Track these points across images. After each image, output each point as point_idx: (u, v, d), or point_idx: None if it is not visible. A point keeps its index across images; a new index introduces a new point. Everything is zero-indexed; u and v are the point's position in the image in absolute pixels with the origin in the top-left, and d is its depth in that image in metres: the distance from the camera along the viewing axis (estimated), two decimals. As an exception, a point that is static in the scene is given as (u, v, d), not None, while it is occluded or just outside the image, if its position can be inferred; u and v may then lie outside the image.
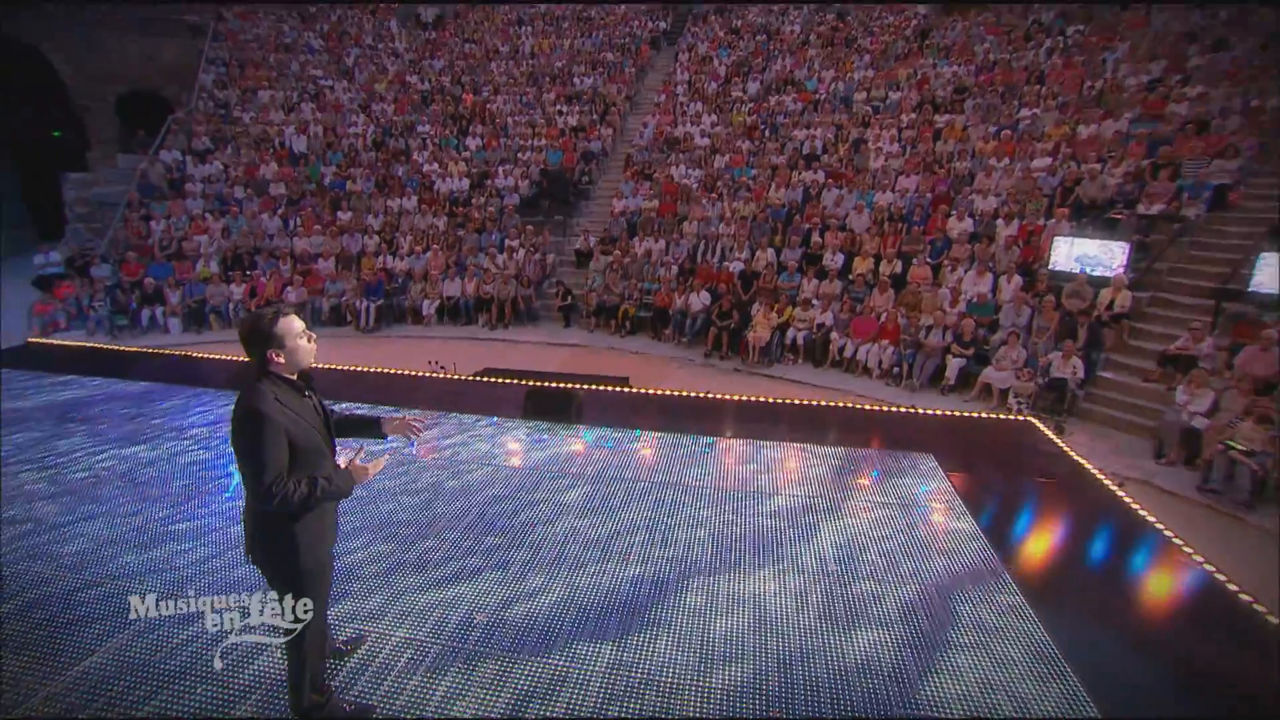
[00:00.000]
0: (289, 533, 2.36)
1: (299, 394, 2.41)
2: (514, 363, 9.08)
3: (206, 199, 13.34)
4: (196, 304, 11.68)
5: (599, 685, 2.88)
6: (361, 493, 4.41)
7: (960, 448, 5.62)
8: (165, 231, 12.54)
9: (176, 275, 11.86)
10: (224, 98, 15.45)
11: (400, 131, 15.74)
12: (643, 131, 15.32)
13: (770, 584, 3.58)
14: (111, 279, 11.57)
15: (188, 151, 14.08)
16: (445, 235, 13.62)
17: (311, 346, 2.45)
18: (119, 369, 7.15)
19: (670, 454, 5.25)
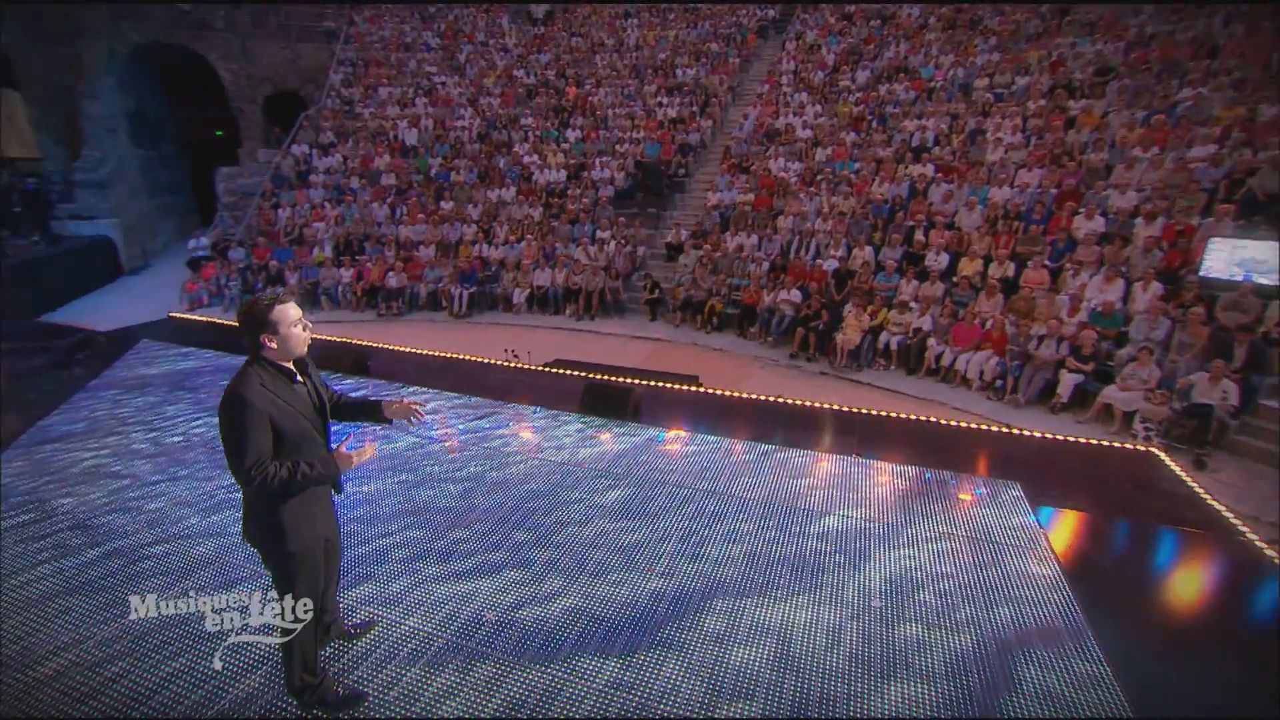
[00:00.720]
0: (276, 515, 2.38)
1: (289, 381, 2.42)
2: (594, 355, 9.09)
3: (326, 188, 14.44)
4: (311, 286, 12.66)
5: (593, 704, 2.71)
6: (408, 476, 4.51)
7: (1057, 477, 4.92)
8: (289, 218, 13.70)
9: (296, 259, 12.92)
10: (349, 95, 16.64)
11: (504, 124, 16.23)
12: (743, 123, 14.87)
13: (802, 614, 3.25)
14: (244, 261, 12.80)
15: (314, 145, 15.30)
16: (540, 225, 13.91)
17: (306, 335, 2.44)
18: (230, 343, 7.84)
19: (722, 460, 4.97)
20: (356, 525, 4.02)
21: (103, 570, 3.62)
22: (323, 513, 2.57)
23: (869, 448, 5.28)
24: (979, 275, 9.34)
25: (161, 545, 3.85)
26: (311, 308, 12.72)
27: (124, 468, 4.79)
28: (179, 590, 3.43)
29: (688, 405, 6.26)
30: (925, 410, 7.62)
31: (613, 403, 5.71)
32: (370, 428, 5.38)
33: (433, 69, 17.72)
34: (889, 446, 5.41)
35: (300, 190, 14.34)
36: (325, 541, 2.68)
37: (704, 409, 6.21)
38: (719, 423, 5.82)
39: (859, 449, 5.24)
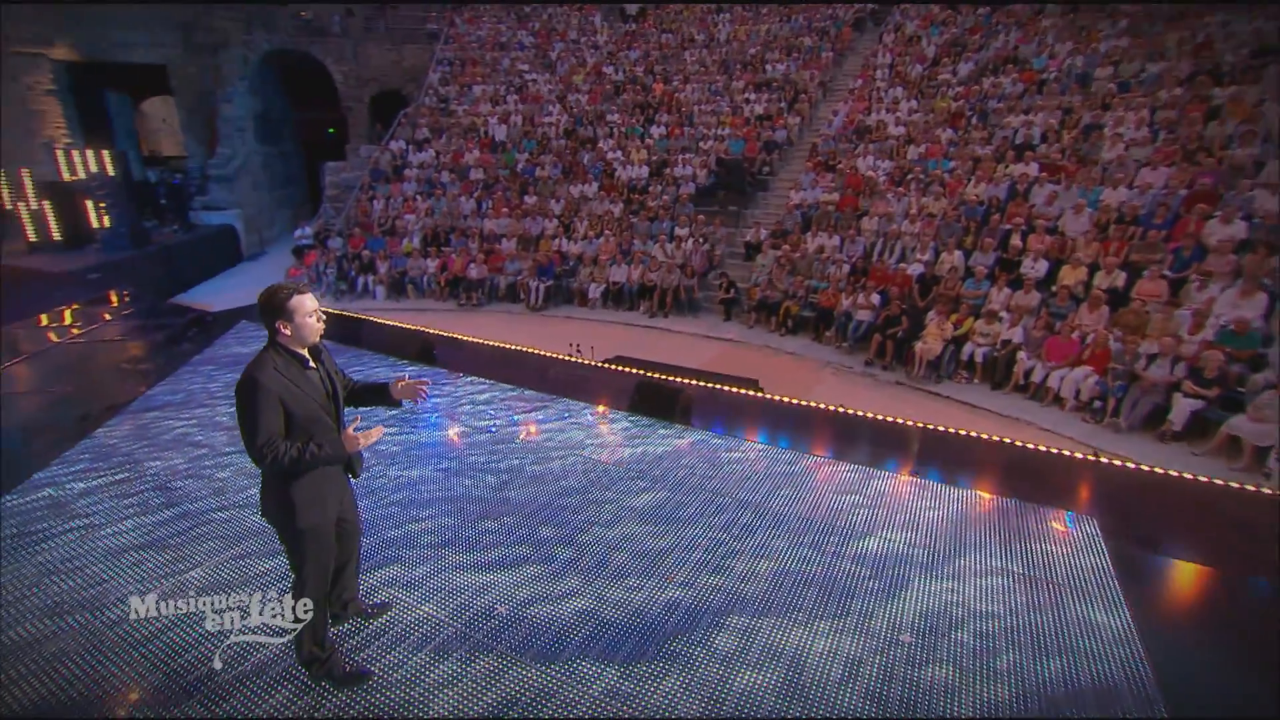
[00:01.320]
0: (288, 493, 2.49)
1: (302, 366, 2.51)
2: (662, 353, 9.03)
3: (419, 182, 15.20)
4: (399, 275, 13.38)
5: (586, 709, 2.66)
6: (450, 464, 4.64)
7: (1151, 516, 4.36)
8: (383, 210, 14.54)
9: (387, 249, 13.69)
10: (445, 93, 17.44)
11: (591, 120, 16.46)
12: (831, 120, 14.31)
13: (821, 641, 3.05)
14: (341, 250, 13.71)
15: (410, 141, 16.15)
16: (619, 221, 14.01)
17: (319, 325, 2.54)
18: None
19: (766, 469, 4.78)
20: (395, 509, 4.18)
21: (172, 530, 3.95)
22: (335, 494, 2.66)
23: (930, 466, 4.90)
24: (1082, 285, 8.49)
25: (223, 512, 4.15)
26: (398, 296, 13.46)
27: (204, 438, 5.23)
28: (231, 555, 3.68)
29: (742, 410, 6.07)
30: (1009, 430, 7.03)
31: (662, 403, 5.63)
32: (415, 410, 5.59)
33: (525, 67, 18.24)
34: (953, 466, 5.00)
35: (395, 184, 15.18)
36: (340, 522, 2.79)
37: (759, 415, 6.00)
38: (772, 430, 5.61)
39: (918, 467, 4.88)
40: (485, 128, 16.56)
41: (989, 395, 8.15)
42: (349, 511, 2.85)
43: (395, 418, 5.56)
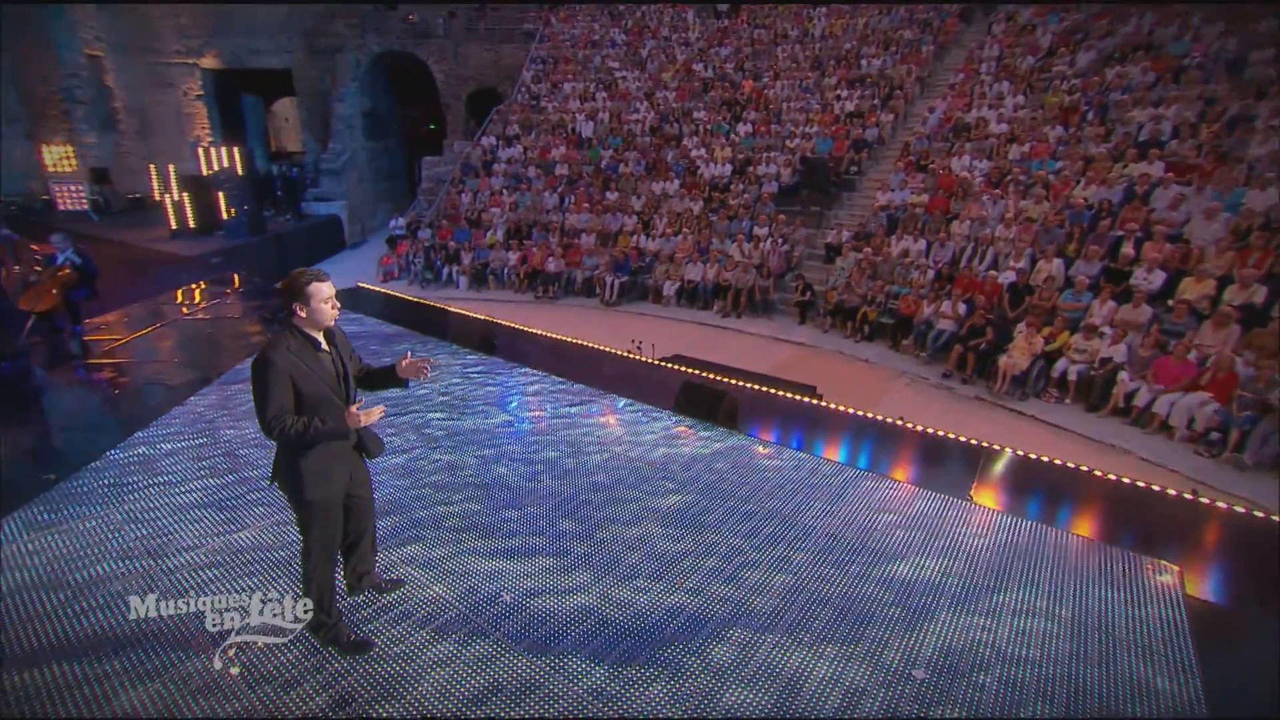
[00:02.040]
0: (296, 465, 2.65)
1: (314, 348, 2.65)
2: (729, 354, 8.86)
3: (506, 177, 15.74)
4: (481, 266, 13.93)
5: (566, 706, 2.65)
6: (489, 452, 4.77)
7: (1245, 570, 3.80)
8: (470, 203, 15.18)
9: (472, 240, 14.28)
10: (537, 90, 17.94)
11: (677, 117, 16.42)
12: (927, 117, 13.51)
13: (825, 667, 2.88)
14: (429, 241, 14.44)
15: (500, 137, 16.75)
16: (699, 219, 13.91)
17: (333, 311, 2.66)
18: (390, 313, 8.91)
19: (801, 480, 4.57)
20: (429, 491, 4.34)
21: (231, 494, 4.30)
22: (343, 471, 2.79)
23: (986, 489, 4.52)
24: (1208, 300, 7.53)
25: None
26: (479, 286, 14.01)
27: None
28: (275, 521, 3.96)
29: (790, 416, 5.85)
30: (1102, 457, 6.37)
31: (707, 404, 5.52)
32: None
33: (615, 64, 18.45)
34: (1013, 491, 4.58)
35: (483, 178, 15.80)
36: (351, 498, 2.93)
37: (807, 422, 5.76)
38: (818, 439, 5.37)
39: (972, 489, 4.51)
40: (573, 124, 16.90)
41: (1081, 417, 7.42)
42: (361, 489, 2.98)
43: (445, 404, 5.79)
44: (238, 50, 18.48)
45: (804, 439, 5.30)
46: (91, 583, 3.40)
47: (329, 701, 2.66)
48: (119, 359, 6.93)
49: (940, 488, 4.50)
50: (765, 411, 5.88)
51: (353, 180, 18.39)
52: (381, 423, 5.25)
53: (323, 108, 18.79)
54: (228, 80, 19.17)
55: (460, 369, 6.72)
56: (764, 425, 5.51)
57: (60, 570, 3.51)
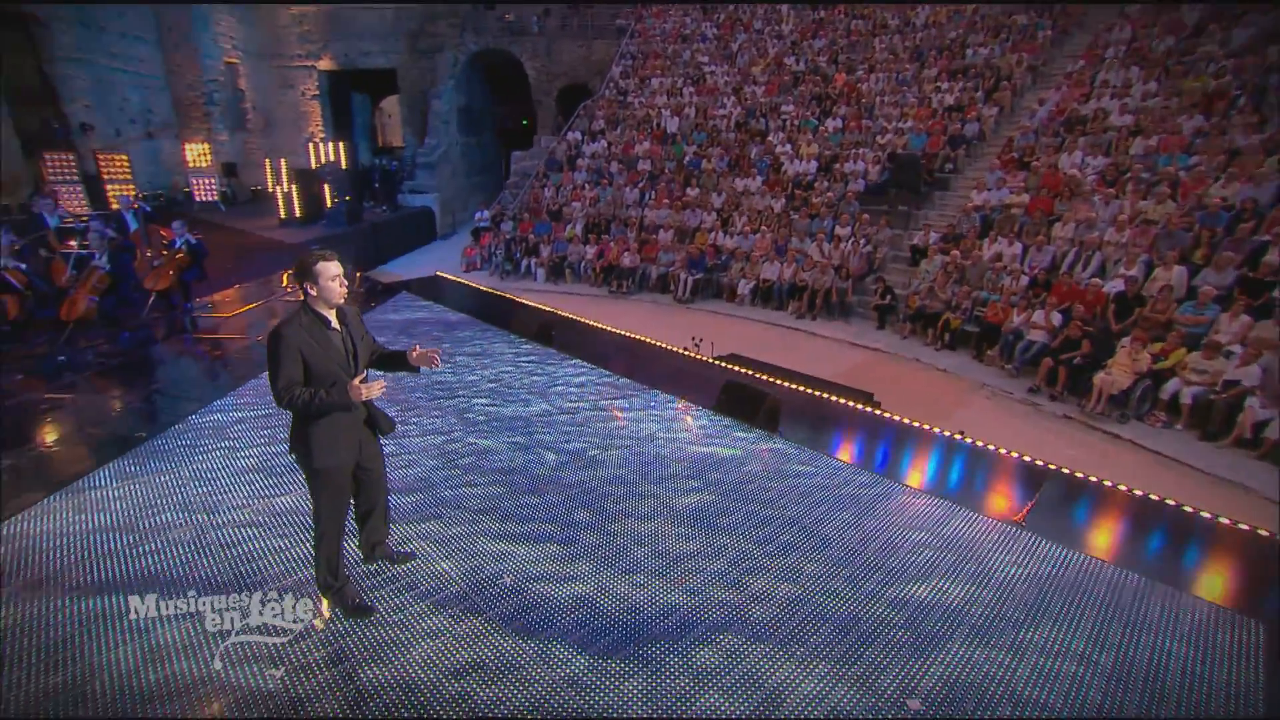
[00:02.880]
0: (306, 434, 2.86)
1: (325, 326, 2.84)
2: (798, 357, 8.59)
3: (589, 171, 16.05)
4: (559, 259, 14.30)
5: (540, 691, 2.71)
6: (520, 439, 4.93)
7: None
8: (552, 197, 15.60)
9: (552, 233, 14.68)
10: (625, 86, 18.16)
11: (764, 112, 16.13)
12: (1036, 110, 12.50)
13: (812, 685, 2.77)
14: (510, 233, 14.99)
15: (586, 132, 17.09)
16: (779, 218, 13.63)
17: (341, 289, 2.84)
18: (458, 301, 9.34)
19: (831, 490, 4.40)
20: (458, 472, 4.54)
21: (282, 462, 4.67)
22: (351, 443, 2.97)
23: (1043, 515, 4.16)
24: (1366, 320, 6.52)
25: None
26: (556, 279, 14.40)
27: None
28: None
29: (837, 423, 5.63)
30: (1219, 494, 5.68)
31: (746, 405, 5.41)
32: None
33: (705, 59, 18.35)
34: (1070, 519, 4.19)
35: (567, 172, 16.20)
36: (361, 470, 3.12)
37: (855, 430, 5.52)
38: (863, 448, 5.14)
39: (1026, 514, 4.16)
40: (658, 119, 16.98)
41: (1195, 447, 6.64)
42: (371, 462, 3.17)
43: (492, 390, 6.01)
44: (350, 52, 20.02)
45: (846, 447, 5.08)
46: (155, 530, 3.82)
47: (325, 657, 2.86)
48: (218, 334, 7.71)
49: (987, 509, 4.18)
50: (811, 416, 5.69)
51: (446, 174, 19.39)
52: (427, 404, 5.61)
53: (422, 105, 19.95)
54: (340, 80, 20.83)
55: (513, 357, 6.95)
56: (806, 430, 5.33)
57: (134, 516, 3.97)
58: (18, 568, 3.47)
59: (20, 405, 5.67)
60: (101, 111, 15.94)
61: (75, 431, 5.23)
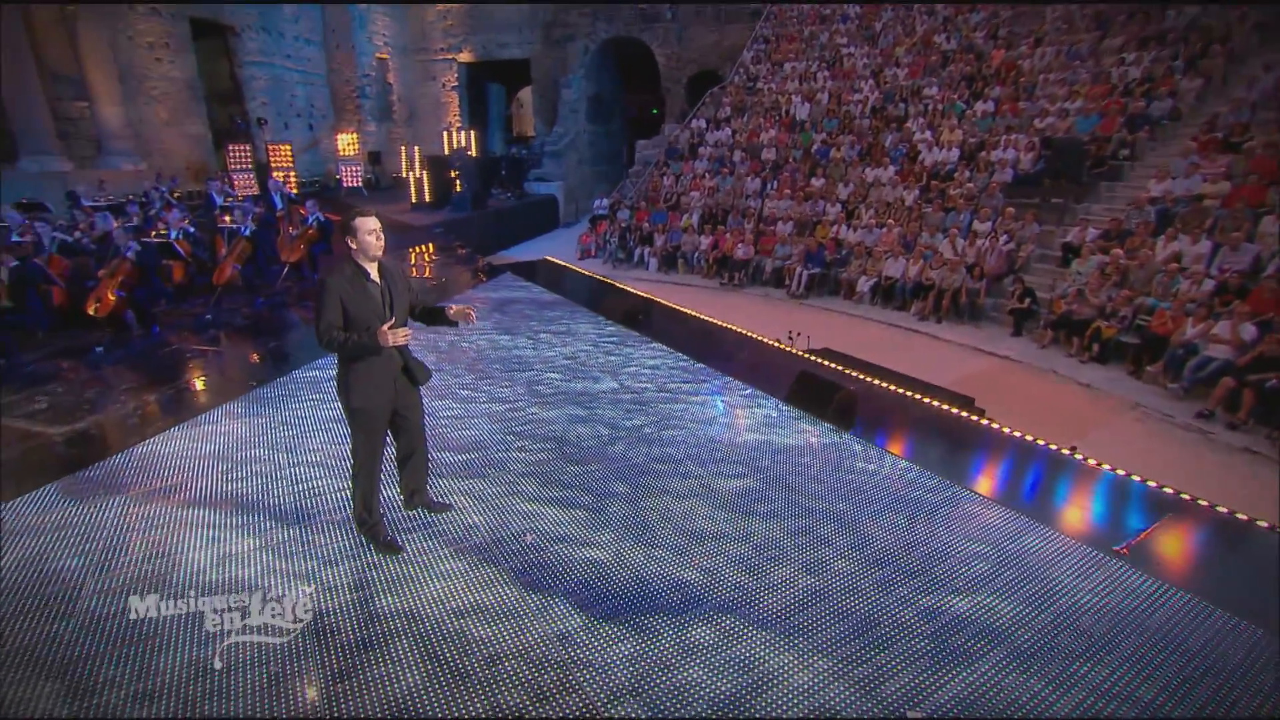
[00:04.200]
0: (345, 374, 3.25)
1: (365, 278, 3.19)
2: (914, 360, 8.08)
3: (710, 160, 16.11)
4: (673, 249, 14.52)
5: (531, 640, 2.88)
6: (580, 412, 5.17)
7: None
8: (671, 186, 15.83)
9: (668, 223, 14.93)
10: (755, 71, 17.99)
11: (904, 96, 15.34)
12: (1259, 77, 10.75)
13: (805, 677, 2.70)
14: (627, 221, 15.42)
15: (711, 120, 17.15)
16: (910, 210, 12.95)
17: (378, 243, 3.18)
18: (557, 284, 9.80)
19: (888, 490, 4.19)
20: (511, 438, 4.84)
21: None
22: (387, 388, 3.31)
23: (1154, 547, 3.69)
24: None
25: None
26: (668, 269, 14.64)
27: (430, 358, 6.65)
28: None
29: (919, 425, 5.30)
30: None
31: (816, 396, 5.25)
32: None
33: (843, 40, 17.73)
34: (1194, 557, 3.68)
35: (687, 161, 16.37)
36: (399, 416, 3.47)
37: (937, 434, 5.18)
38: (940, 453, 4.82)
39: (1132, 545, 3.70)
40: (788, 106, 16.68)
41: None
42: (409, 410, 3.51)
43: (566, 367, 6.31)
44: (488, 44, 21.61)
45: (921, 449, 4.79)
46: (244, 462, 4.48)
47: (350, 583, 3.24)
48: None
49: (1076, 532, 3.79)
50: (890, 415, 5.42)
51: (572, 162, 20.30)
52: (500, 374, 6.02)
53: (553, 94, 21.04)
54: (478, 71, 22.54)
55: (595, 338, 7.24)
56: (881, 429, 5.09)
57: (231, 449, 4.67)
58: (141, 479, 4.24)
59: (174, 353, 6.84)
60: (274, 107, 18.50)
61: (207, 376, 6.22)
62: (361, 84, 21.12)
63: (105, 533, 3.66)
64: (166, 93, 16.24)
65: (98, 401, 5.56)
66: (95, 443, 4.84)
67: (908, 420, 5.39)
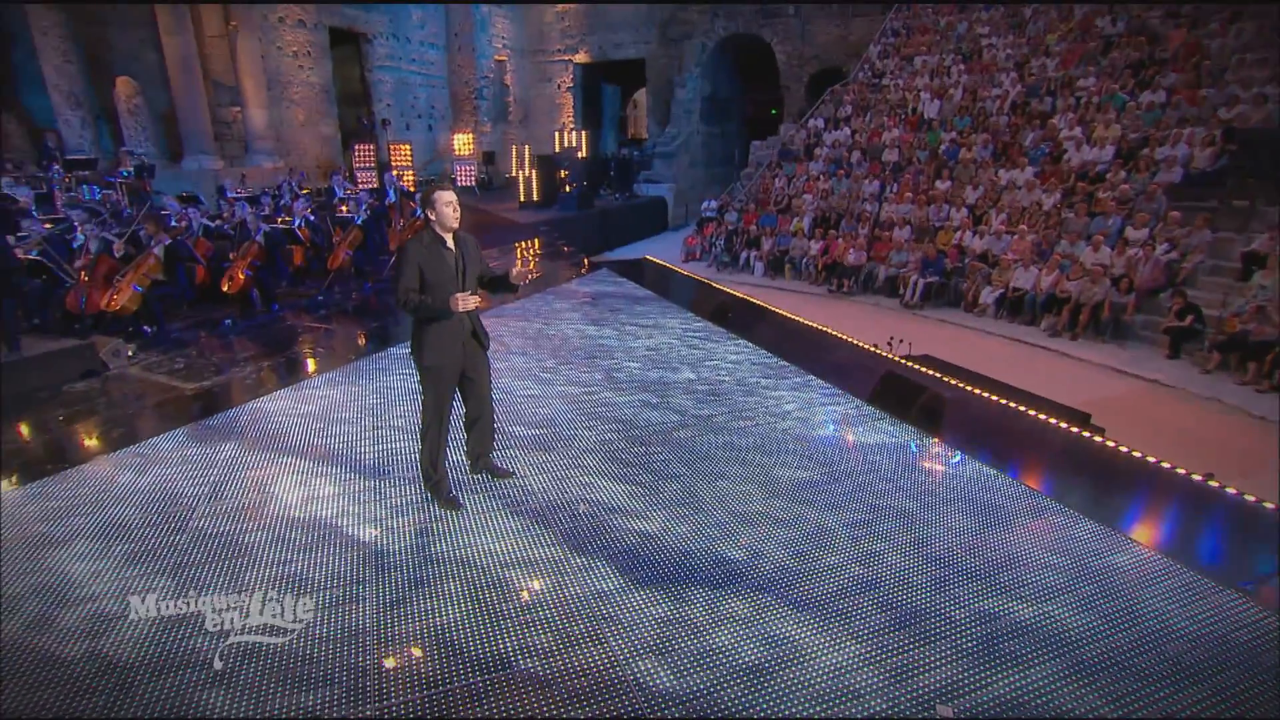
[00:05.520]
0: (419, 334, 3.70)
1: (441, 246, 3.62)
2: (1039, 379, 7.60)
3: (826, 162, 15.96)
4: (781, 253, 14.52)
5: (568, 593, 3.15)
6: (654, 399, 5.45)
7: None
8: (782, 188, 15.82)
9: (776, 226, 14.96)
10: (881, 67, 17.62)
11: (1053, 88, 14.52)
12: None
13: (833, 657, 2.77)
14: (734, 224, 15.58)
15: (830, 119, 16.98)
16: (1048, 216, 12.27)
17: (454, 214, 3.60)
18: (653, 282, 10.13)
19: (966, 495, 4.11)
20: (583, 418, 5.18)
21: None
22: (455, 350, 3.72)
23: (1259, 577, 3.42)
24: None
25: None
26: (775, 274, 14.65)
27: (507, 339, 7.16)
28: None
29: (1018, 436, 5.11)
30: None
31: (900, 398, 5.18)
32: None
33: (985, 29, 17.02)
34: None
35: (802, 162, 16.30)
36: (467, 380, 3.89)
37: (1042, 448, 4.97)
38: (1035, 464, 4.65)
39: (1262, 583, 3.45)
40: (915, 103, 16.25)
41: None
42: (477, 374, 3.92)
43: (646, 358, 6.59)
44: (604, 44, 22.60)
45: (1009, 458, 4.63)
46: (336, 423, 5.11)
47: (411, 529, 3.69)
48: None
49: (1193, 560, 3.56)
50: (980, 421, 5.26)
51: (684, 164, 20.74)
52: (582, 360, 6.41)
53: (667, 94, 21.61)
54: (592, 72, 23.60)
55: (681, 332, 7.48)
56: (966, 434, 4.96)
57: (327, 412, 5.33)
58: (251, 430, 4.99)
59: (288, 328, 7.87)
60: (397, 108, 20.34)
61: (314, 349, 7.08)
62: (480, 85, 22.75)
63: (217, 469, 4.37)
64: (305, 97, 18.34)
65: (223, 365, 6.54)
66: (218, 398, 5.73)
67: (1001, 429, 5.21)
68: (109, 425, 5.28)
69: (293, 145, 18.12)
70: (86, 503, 3.99)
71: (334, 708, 2.53)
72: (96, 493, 4.11)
